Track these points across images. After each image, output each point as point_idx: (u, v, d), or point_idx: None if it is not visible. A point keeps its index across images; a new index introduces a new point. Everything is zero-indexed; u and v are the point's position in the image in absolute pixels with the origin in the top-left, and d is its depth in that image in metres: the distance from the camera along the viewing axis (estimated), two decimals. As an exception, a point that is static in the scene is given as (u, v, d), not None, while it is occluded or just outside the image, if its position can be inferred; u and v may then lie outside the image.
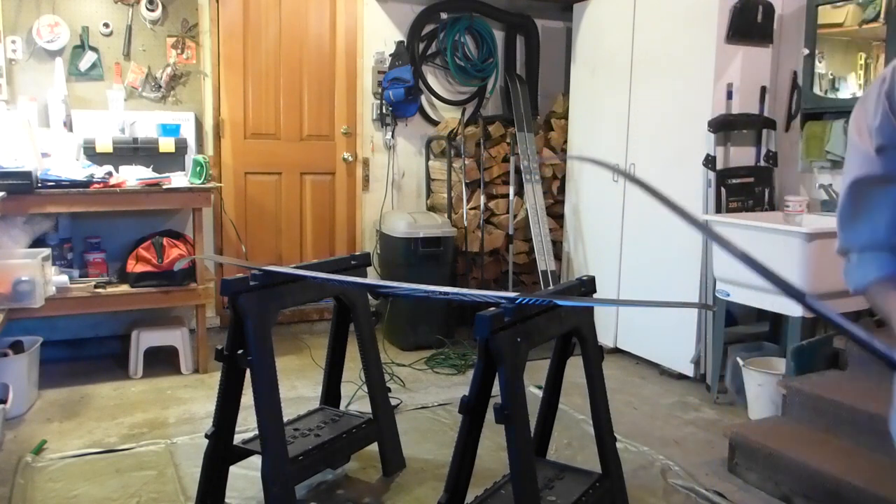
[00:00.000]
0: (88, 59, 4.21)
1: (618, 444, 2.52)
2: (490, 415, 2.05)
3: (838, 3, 3.72)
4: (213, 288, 4.36)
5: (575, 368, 2.46)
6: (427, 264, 4.54)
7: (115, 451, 3.05)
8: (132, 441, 3.16)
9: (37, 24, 4.06)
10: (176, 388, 3.84)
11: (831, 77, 3.87)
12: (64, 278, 3.77)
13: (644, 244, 4.27)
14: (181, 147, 4.21)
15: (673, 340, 4.09)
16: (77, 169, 3.74)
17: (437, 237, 4.57)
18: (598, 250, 4.69)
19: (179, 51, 4.41)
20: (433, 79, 5.21)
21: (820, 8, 3.75)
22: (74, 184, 3.64)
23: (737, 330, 3.96)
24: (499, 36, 5.35)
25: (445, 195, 4.97)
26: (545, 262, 4.77)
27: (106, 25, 4.23)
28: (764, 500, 2.81)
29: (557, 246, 5.07)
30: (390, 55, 4.96)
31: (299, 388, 3.86)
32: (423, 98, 5.13)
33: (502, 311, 1.99)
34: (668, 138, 4.08)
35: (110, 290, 3.89)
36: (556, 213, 5.14)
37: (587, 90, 4.77)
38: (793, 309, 3.30)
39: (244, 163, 4.78)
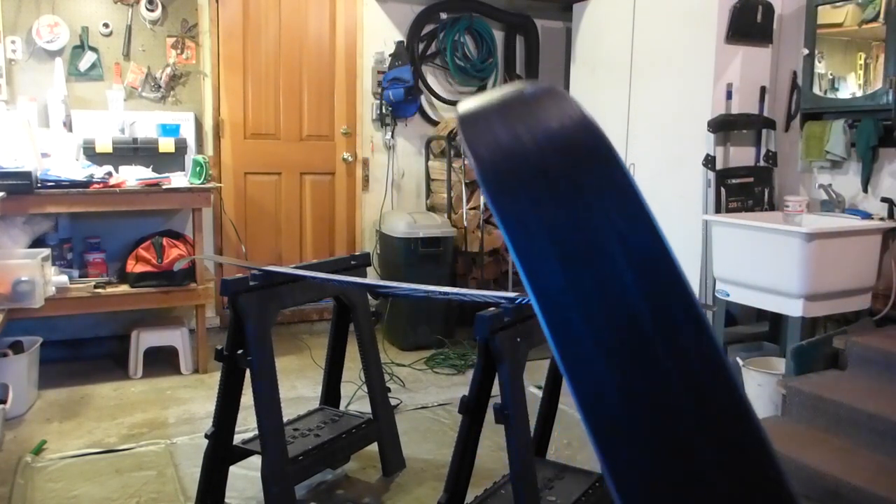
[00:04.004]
0: (88, 59, 4.21)
1: (618, 444, 2.52)
2: (490, 415, 2.05)
3: (838, 3, 3.72)
4: (213, 288, 4.36)
5: (575, 368, 2.45)
6: (427, 264, 4.54)
7: (115, 451, 3.06)
8: (132, 441, 3.16)
9: (36, 24, 4.06)
10: (176, 388, 3.84)
11: (831, 77, 3.87)
12: (64, 278, 3.77)
13: (644, 244, 4.27)
14: (181, 147, 4.21)
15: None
16: (77, 169, 3.74)
17: (437, 237, 4.57)
18: (598, 250, 4.68)
19: (179, 51, 4.41)
20: (433, 79, 5.21)
21: (820, 8, 3.75)
22: (74, 184, 3.64)
23: (736, 330, 3.96)
24: (498, 36, 5.35)
25: (445, 195, 4.97)
26: (545, 262, 4.76)
27: (106, 25, 4.23)
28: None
29: (557, 246, 5.06)
30: (390, 55, 4.96)
31: (299, 388, 3.86)
32: (422, 98, 5.13)
33: (502, 311, 1.99)
34: (667, 138, 4.08)
35: (110, 290, 3.89)
36: (555, 213, 5.14)
37: (587, 90, 4.76)
38: (792, 309, 3.30)
39: (244, 163, 4.78)
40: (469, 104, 0.45)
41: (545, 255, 0.38)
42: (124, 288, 3.91)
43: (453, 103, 5.23)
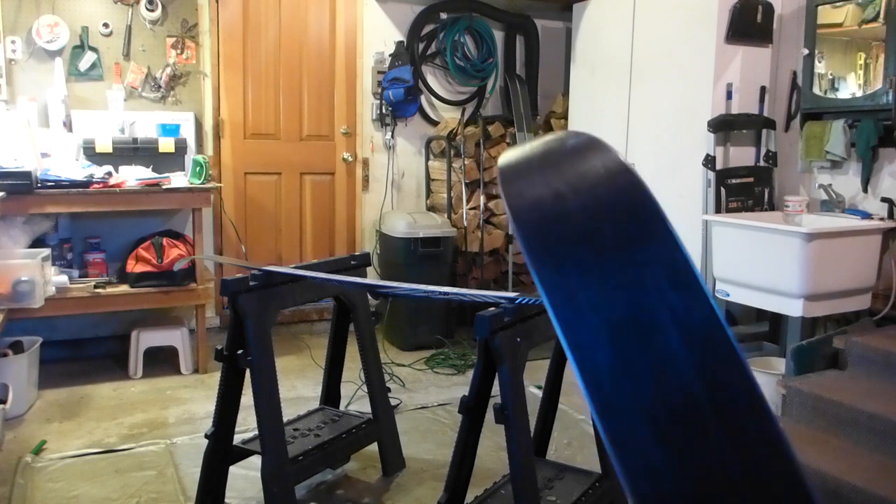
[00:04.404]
0: (88, 59, 4.21)
1: (618, 444, 2.52)
2: (490, 415, 2.05)
3: (838, 3, 3.72)
4: (213, 288, 4.36)
5: (575, 368, 2.46)
6: (427, 264, 4.54)
7: (115, 451, 3.06)
8: (132, 441, 3.16)
9: (36, 24, 4.06)
10: (176, 388, 3.84)
11: (831, 77, 3.87)
12: (64, 278, 3.77)
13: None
14: (181, 147, 4.21)
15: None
16: (77, 169, 3.74)
17: (437, 237, 4.57)
18: (598, 250, 4.68)
19: (179, 51, 4.41)
20: (433, 79, 5.21)
21: (820, 8, 3.75)
22: (74, 184, 3.64)
23: (737, 330, 3.96)
24: (498, 36, 5.35)
25: (445, 195, 4.97)
26: (545, 262, 4.76)
27: (106, 25, 4.23)
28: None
29: (557, 246, 5.06)
30: (390, 55, 4.96)
31: (299, 388, 3.86)
32: (422, 98, 5.13)
33: (502, 311, 1.99)
34: (667, 138, 4.08)
35: (110, 290, 3.89)
36: (555, 213, 5.13)
37: (587, 90, 4.77)
38: (792, 309, 3.30)
39: (244, 163, 4.78)
40: (510, 157, 0.42)
41: (592, 330, 0.36)
42: (124, 288, 3.91)
43: (453, 103, 5.23)
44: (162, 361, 4.11)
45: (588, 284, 0.37)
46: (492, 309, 2.01)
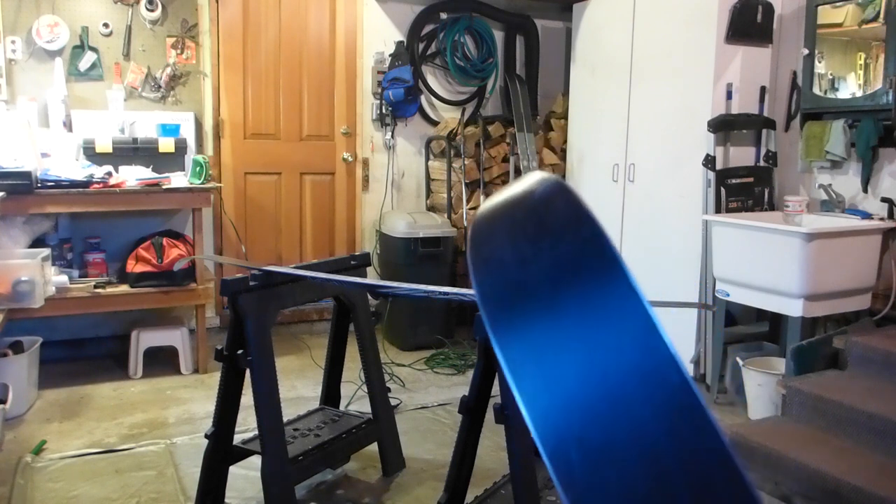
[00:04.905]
0: (88, 59, 4.21)
1: (618, 444, 2.52)
2: (490, 415, 2.05)
3: (838, 3, 3.72)
4: (213, 288, 4.35)
5: (575, 368, 2.45)
6: (427, 264, 4.54)
7: (115, 451, 3.06)
8: (132, 441, 3.16)
9: (36, 24, 4.06)
10: (176, 388, 3.84)
11: (831, 77, 3.87)
12: (64, 278, 3.77)
13: (644, 244, 4.27)
14: (181, 147, 4.20)
15: (673, 340, 4.06)
16: (77, 169, 3.74)
17: (437, 237, 4.57)
18: (598, 250, 4.67)
19: (179, 51, 4.41)
20: (433, 79, 5.21)
21: (820, 8, 3.75)
22: (74, 184, 3.64)
23: (736, 330, 3.96)
24: (498, 36, 5.35)
25: (445, 195, 4.97)
26: (545, 262, 4.76)
27: (106, 25, 4.23)
28: (764, 500, 2.81)
29: (557, 246, 5.05)
30: (390, 55, 4.96)
31: (299, 388, 3.86)
32: (422, 98, 5.13)
33: (502, 311, 1.99)
34: (667, 138, 4.08)
35: (110, 290, 3.89)
36: (555, 213, 5.13)
37: (587, 90, 4.76)
38: (792, 309, 3.30)
39: (244, 163, 4.78)
40: (479, 220, 0.40)
41: (561, 413, 0.35)
42: (124, 288, 3.91)
43: (453, 103, 5.23)
44: (162, 361, 4.11)
45: (552, 359, 0.35)
46: (492, 309, 2.01)
